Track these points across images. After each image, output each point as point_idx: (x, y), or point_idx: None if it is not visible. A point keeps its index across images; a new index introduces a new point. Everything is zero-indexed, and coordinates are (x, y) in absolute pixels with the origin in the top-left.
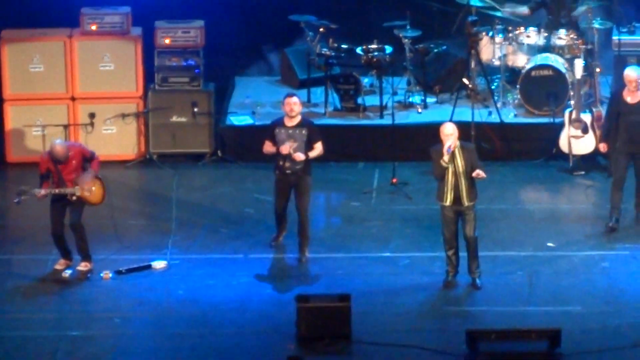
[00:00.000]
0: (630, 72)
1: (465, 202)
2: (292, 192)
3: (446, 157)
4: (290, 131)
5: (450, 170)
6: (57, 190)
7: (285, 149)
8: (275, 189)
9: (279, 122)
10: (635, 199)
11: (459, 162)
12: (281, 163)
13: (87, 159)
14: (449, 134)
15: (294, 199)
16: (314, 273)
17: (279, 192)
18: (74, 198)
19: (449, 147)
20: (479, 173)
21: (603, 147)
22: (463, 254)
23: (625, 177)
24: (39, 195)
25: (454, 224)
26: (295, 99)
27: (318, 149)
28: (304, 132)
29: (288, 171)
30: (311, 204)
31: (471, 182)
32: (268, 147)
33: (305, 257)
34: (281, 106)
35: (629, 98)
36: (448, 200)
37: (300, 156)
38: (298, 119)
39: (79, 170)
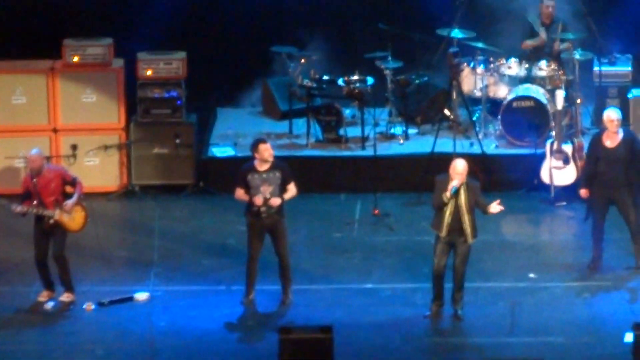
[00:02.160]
0: (610, 113)
1: (469, 239)
2: (267, 236)
3: (448, 194)
4: (264, 175)
5: (451, 204)
6: (34, 210)
7: (259, 200)
8: (249, 233)
9: (251, 168)
10: (634, 249)
11: (462, 199)
12: (256, 209)
13: (68, 182)
14: (459, 173)
15: (272, 243)
16: (297, 304)
17: (254, 237)
18: (52, 221)
19: (455, 187)
20: (491, 209)
21: (584, 192)
22: (447, 285)
23: (604, 219)
24: (15, 210)
25: (446, 255)
26: (269, 145)
27: (292, 190)
28: (277, 174)
29: (264, 215)
30: (293, 235)
31: (473, 218)
32: (241, 195)
33: (289, 299)
34: (254, 152)
35: (609, 142)
36: (444, 231)
37: (277, 201)
38: (271, 162)
39: (58, 193)
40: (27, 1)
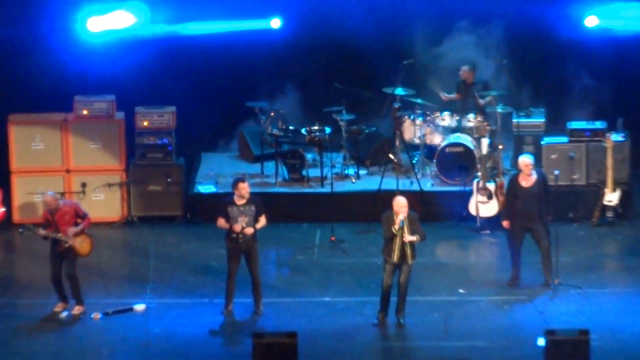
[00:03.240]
0: (525, 159)
1: (409, 261)
2: (242, 258)
3: (397, 227)
4: (242, 208)
5: (398, 234)
6: (54, 235)
7: (238, 227)
8: (228, 256)
9: (230, 202)
10: (542, 266)
11: (406, 229)
12: (234, 235)
13: (79, 216)
14: (403, 206)
15: (246, 264)
16: (267, 314)
17: (232, 258)
18: (67, 245)
19: (402, 220)
20: (409, 239)
21: (506, 224)
22: (392, 298)
23: (521, 245)
24: (39, 233)
25: (393, 275)
26: (247, 184)
27: (263, 221)
28: (252, 208)
29: (240, 241)
30: (264, 257)
31: (413, 245)
32: (222, 224)
33: (260, 310)
34: (234, 189)
35: (524, 182)
36: (395, 257)
37: (250, 230)
38: (247, 198)
39: (71, 224)
40: (43, 64)
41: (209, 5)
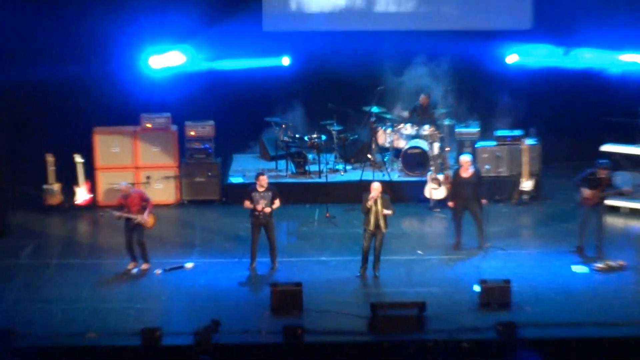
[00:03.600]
0: (464, 157)
1: (383, 230)
2: (262, 229)
3: (370, 203)
4: (262, 194)
5: (373, 209)
6: (126, 215)
7: (260, 206)
8: (252, 228)
9: (254, 189)
10: (477, 234)
11: (379, 205)
12: (257, 213)
13: (144, 200)
14: (376, 189)
15: (265, 234)
16: (280, 270)
17: (255, 230)
18: (136, 221)
19: (373, 197)
20: (385, 212)
21: (451, 204)
22: (370, 257)
23: (462, 219)
24: (115, 215)
25: (370, 240)
26: (265, 176)
27: (277, 203)
28: (269, 193)
29: (261, 217)
30: (278, 228)
31: (385, 218)
32: (248, 205)
33: (276, 267)
34: (256, 180)
35: (464, 174)
36: (371, 226)
37: (268, 209)
38: (266, 186)
39: (139, 205)
40: (119, 91)
41: (238, 47)
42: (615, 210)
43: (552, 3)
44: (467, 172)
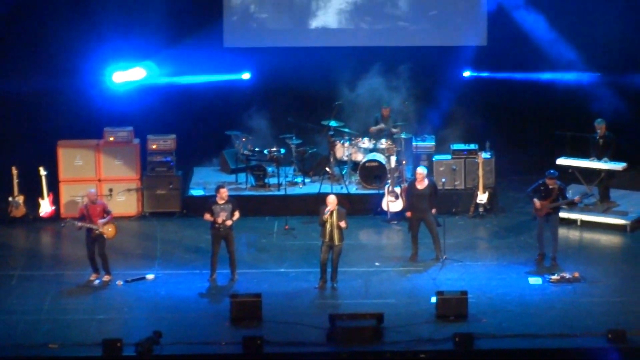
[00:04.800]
0: (419, 170)
1: (336, 242)
2: (222, 241)
3: (325, 216)
4: (222, 206)
5: (329, 222)
6: (88, 225)
7: (220, 219)
8: (212, 240)
9: (214, 202)
10: (434, 246)
11: (335, 218)
12: (217, 225)
13: (106, 211)
14: (332, 202)
15: (225, 246)
16: (240, 281)
17: (215, 242)
18: (97, 232)
19: (328, 210)
20: (340, 224)
21: (408, 214)
22: (327, 270)
23: (418, 230)
24: (76, 225)
25: (328, 252)
26: (226, 189)
27: (237, 215)
28: (229, 206)
29: (221, 229)
30: (238, 240)
31: (340, 230)
32: (208, 217)
33: (236, 278)
34: (216, 192)
35: (419, 186)
36: (327, 238)
37: (229, 222)
38: (226, 199)
39: (100, 216)
40: (82, 105)
41: (200, 63)
42: (571, 223)
43: (507, 20)
44: (422, 184)
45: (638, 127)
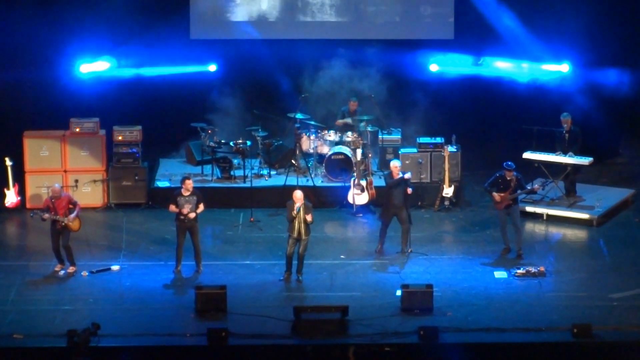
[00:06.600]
0: (395, 163)
1: (303, 236)
2: (187, 233)
3: (295, 212)
4: (187, 198)
5: (297, 217)
6: (53, 217)
7: (185, 210)
8: (177, 231)
9: (179, 193)
10: (401, 239)
11: (302, 213)
12: (182, 217)
13: (72, 203)
14: (299, 198)
15: (190, 237)
16: (204, 273)
17: (180, 234)
18: (63, 224)
19: (298, 207)
20: (306, 218)
21: (385, 213)
22: (293, 262)
23: (389, 225)
24: (43, 217)
25: (294, 246)
26: (191, 181)
27: (202, 207)
28: (194, 198)
29: (186, 221)
30: (203, 232)
31: (307, 224)
32: (173, 209)
33: (201, 270)
34: (182, 184)
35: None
36: (295, 233)
37: (193, 214)
38: (191, 190)
39: (66, 209)
40: (48, 96)
41: (166, 54)
42: (537, 217)
43: (474, 14)
44: (396, 177)
45: (604, 122)
